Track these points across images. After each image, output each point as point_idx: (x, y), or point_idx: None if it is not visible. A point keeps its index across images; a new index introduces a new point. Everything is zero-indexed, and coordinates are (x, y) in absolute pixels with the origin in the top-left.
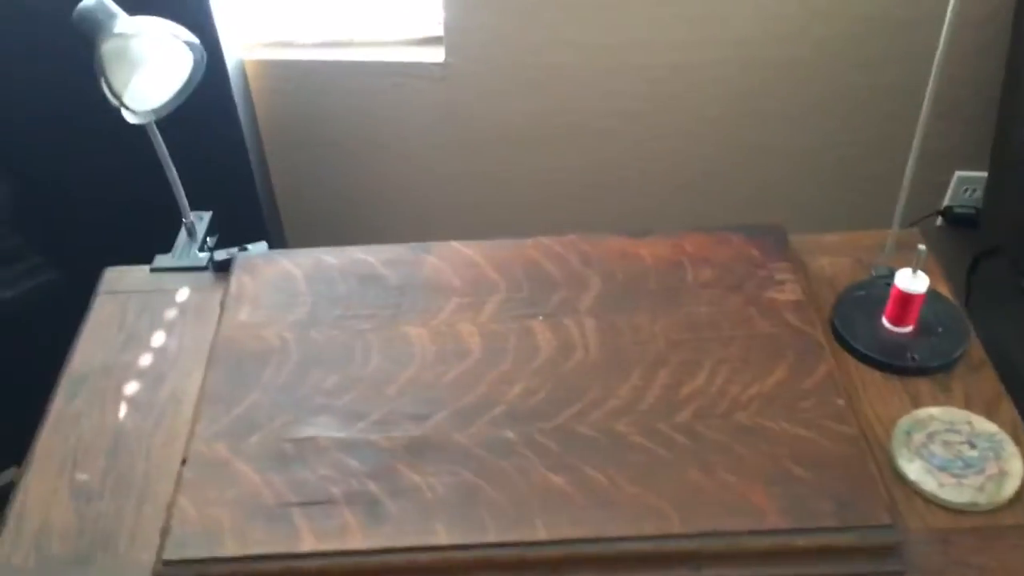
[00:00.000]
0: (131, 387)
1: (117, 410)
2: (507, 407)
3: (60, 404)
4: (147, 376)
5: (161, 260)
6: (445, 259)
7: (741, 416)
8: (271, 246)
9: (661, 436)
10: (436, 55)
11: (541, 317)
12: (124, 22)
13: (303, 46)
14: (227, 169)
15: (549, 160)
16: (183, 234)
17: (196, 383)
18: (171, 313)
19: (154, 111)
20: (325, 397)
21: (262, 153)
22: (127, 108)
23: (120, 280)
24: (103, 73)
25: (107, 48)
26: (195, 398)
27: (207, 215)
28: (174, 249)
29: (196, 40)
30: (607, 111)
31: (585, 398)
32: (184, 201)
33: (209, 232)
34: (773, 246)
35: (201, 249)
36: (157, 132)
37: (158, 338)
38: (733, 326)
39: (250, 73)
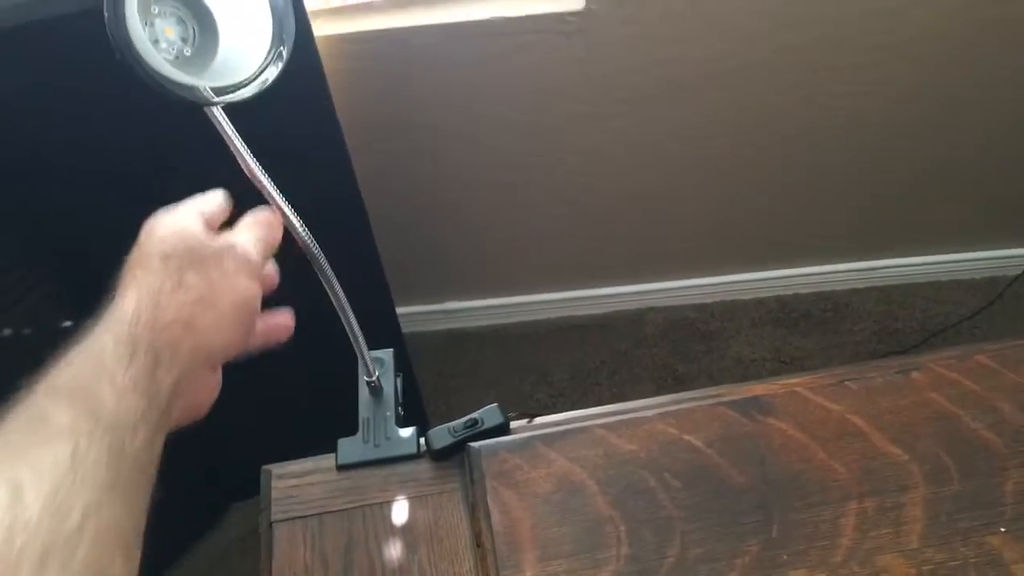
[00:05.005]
0: None
1: None
2: None
3: None
4: None
5: (348, 449)
6: (801, 423)
7: None
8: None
9: None
10: (573, 1)
11: (1003, 529)
12: None
13: (381, 11)
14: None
15: (714, 118)
16: (364, 396)
17: None
18: (394, 551)
19: (240, 85)
20: None
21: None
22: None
23: (297, 491)
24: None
25: None
26: None
27: (387, 356)
28: (361, 427)
29: None
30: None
31: None
32: (362, 343)
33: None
34: None
35: (398, 420)
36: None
37: None
38: None
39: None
